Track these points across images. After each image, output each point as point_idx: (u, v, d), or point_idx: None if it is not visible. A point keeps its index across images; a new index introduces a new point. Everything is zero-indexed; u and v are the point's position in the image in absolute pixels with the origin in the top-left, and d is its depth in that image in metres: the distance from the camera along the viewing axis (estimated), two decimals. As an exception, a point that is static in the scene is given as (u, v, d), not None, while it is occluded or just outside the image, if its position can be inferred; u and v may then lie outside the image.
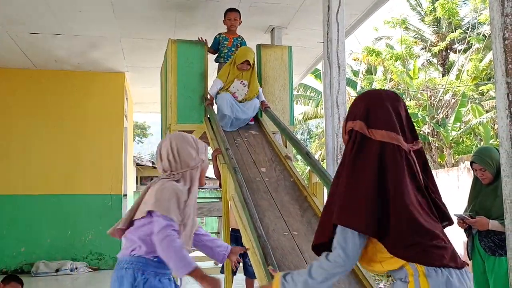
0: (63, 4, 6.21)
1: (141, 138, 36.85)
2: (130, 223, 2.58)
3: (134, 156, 16.21)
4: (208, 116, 5.68)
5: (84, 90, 9.15)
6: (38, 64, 8.68)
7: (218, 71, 5.98)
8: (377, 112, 1.87)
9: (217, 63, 6.16)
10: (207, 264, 8.19)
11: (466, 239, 3.66)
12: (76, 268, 8.44)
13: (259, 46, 6.26)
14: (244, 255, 5.05)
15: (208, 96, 5.72)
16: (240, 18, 6.05)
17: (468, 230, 3.55)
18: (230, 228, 4.68)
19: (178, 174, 2.61)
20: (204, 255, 2.92)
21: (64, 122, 8.99)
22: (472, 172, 3.63)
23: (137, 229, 2.52)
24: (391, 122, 1.85)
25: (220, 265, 5.20)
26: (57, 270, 8.28)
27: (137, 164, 20.88)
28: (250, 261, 5.00)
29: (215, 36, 6.11)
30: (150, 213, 2.47)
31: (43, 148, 8.85)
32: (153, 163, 24.77)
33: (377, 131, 1.82)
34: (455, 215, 3.60)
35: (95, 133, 9.08)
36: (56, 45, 7.70)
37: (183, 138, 2.70)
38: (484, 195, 3.49)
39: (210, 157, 4.74)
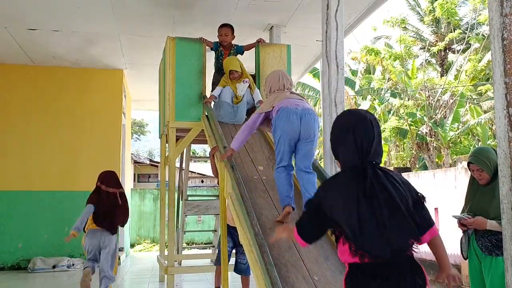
0: (61, 0, 6.20)
1: (138, 135, 36.85)
2: None
3: (131, 154, 16.19)
4: (206, 113, 5.69)
5: (82, 87, 9.14)
6: (36, 60, 8.66)
7: (213, 78, 6.12)
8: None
9: (216, 72, 6.21)
10: (204, 262, 8.20)
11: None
12: (73, 264, 8.44)
13: (258, 44, 6.26)
14: (237, 252, 5.07)
15: (209, 96, 5.75)
16: (232, 34, 6.08)
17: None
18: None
19: None
20: (202, 253, 2.93)
21: (62, 118, 8.98)
22: (469, 172, 3.62)
23: None
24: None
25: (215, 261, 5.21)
26: (54, 267, 8.29)
27: (135, 162, 20.88)
28: (241, 259, 5.02)
29: (215, 42, 6.13)
30: None
31: (40, 144, 8.84)
32: (150, 160, 24.71)
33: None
34: (454, 216, 3.59)
35: (93, 130, 9.08)
36: (54, 42, 7.68)
37: None
38: (481, 195, 3.48)
39: (208, 155, 4.76)
